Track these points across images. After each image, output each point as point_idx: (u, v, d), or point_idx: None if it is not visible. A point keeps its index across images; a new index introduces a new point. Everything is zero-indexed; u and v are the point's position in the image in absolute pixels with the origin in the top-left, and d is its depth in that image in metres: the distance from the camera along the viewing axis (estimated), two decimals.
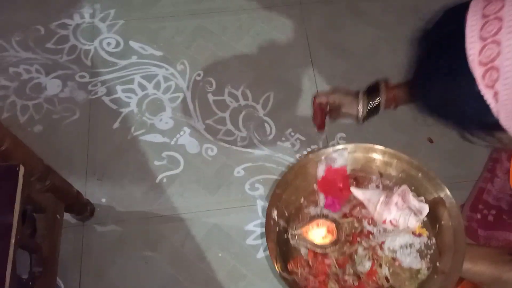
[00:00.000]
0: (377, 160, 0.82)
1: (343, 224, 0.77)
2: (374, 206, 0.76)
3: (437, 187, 0.78)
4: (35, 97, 1.25)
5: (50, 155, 1.15)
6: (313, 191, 0.81)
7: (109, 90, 1.26)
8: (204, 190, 1.15)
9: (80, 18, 1.37)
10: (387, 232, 0.77)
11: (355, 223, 0.78)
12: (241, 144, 1.20)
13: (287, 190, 0.79)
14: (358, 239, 0.76)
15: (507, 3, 0.46)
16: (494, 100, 0.47)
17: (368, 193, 0.79)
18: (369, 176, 0.82)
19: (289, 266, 0.73)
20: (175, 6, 1.40)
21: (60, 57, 1.31)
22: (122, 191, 1.15)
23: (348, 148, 0.82)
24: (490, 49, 0.46)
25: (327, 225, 0.76)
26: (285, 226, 0.77)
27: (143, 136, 1.21)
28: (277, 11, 1.37)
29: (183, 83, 1.27)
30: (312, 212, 0.80)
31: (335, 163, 0.81)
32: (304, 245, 0.76)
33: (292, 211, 0.80)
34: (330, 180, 0.80)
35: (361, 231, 0.77)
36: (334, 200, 0.80)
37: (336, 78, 1.28)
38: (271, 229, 0.75)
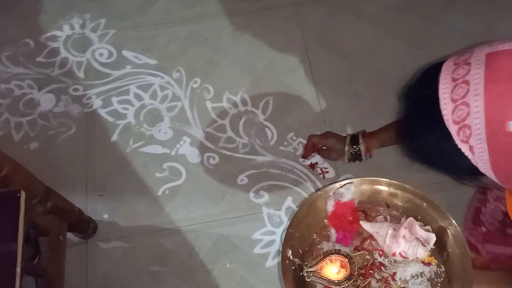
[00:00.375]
0: (383, 192, 0.88)
1: (355, 257, 0.81)
2: (383, 239, 0.79)
3: (442, 215, 0.82)
4: (29, 113, 1.22)
5: (48, 172, 1.12)
6: (324, 226, 0.86)
7: (105, 102, 1.23)
8: (208, 200, 1.13)
9: (70, 29, 1.34)
10: (397, 263, 0.80)
11: (366, 256, 0.82)
12: (243, 151, 1.18)
13: (299, 227, 0.83)
14: (370, 272, 0.79)
15: (473, 67, 0.51)
16: (471, 153, 0.52)
17: (376, 226, 0.82)
18: (377, 208, 0.87)
19: None
20: (166, 12, 1.37)
21: (52, 71, 1.27)
22: (124, 205, 1.12)
23: (354, 182, 0.87)
24: (461, 110, 0.51)
25: (340, 260, 0.79)
26: (300, 264, 0.81)
27: (142, 148, 1.18)
28: (271, 13, 1.35)
29: (180, 91, 1.25)
30: (325, 247, 0.83)
31: (343, 198, 0.85)
32: (320, 282, 0.79)
33: (305, 247, 0.84)
34: (339, 214, 0.84)
35: (373, 263, 0.81)
36: (345, 234, 0.83)
37: (335, 78, 1.26)
38: (287, 269, 0.78)
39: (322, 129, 1.19)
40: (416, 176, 1.10)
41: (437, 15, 1.33)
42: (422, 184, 1.08)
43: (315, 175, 1.15)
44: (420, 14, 1.34)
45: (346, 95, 1.24)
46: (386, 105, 1.21)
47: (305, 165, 1.16)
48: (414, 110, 0.61)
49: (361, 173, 1.14)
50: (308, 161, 1.15)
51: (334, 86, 1.25)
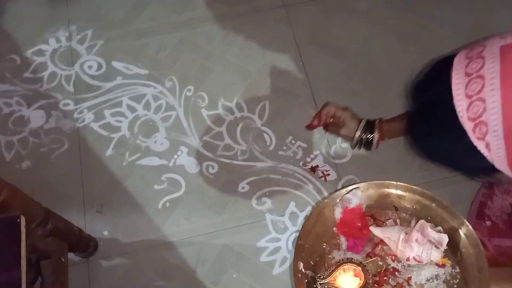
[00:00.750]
0: (390, 195, 0.85)
1: (368, 265, 0.78)
2: (395, 244, 0.78)
3: (452, 215, 0.80)
4: (19, 131, 1.18)
5: (43, 191, 1.09)
6: (333, 235, 0.84)
7: (97, 115, 1.20)
8: (210, 210, 1.11)
9: (56, 42, 1.30)
10: (411, 267, 0.78)
11: (379, 262, 0.79)
12: (242, 158, 1.16)
13: (309, 238, 0.81)
14: (385, 278, 0.77)
15: (487, 61, 0.49)
16: (487, 150, 0.50)
17: (387, 231, 0.80)
18: (385, 212, 0.85)
19: None
20: (155, 20, 1.34)
21: (40, 86, 1.24)
22: (124, 221, 1.09)
23: (360, 186, 0.85)
24: (477, 106, 0.49)
25: (353, 269, 0.77)
26: (313, 276, 0.79)
27: (139, 161, 1.15)
28: (262, 16, 1.34)
29: (174, 100, 1.22)
30: (336, 257, 0.81)
31: (350, 204, 0.83)
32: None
33: (316, 258, 0.82)
34: (348, 221, 0.82)
35: (386, 269, 0.79)
36: (355, 242, 0.82)
37: (331, 79, 1.25)
38: (300, 282, 0.76)
39: (321, 132, 1.18)
40: (418, 174, 1.11)
41: (429, 10, 1.33)
42: (424, 181, 1.08)
43: (316, 178, 1.13)
44: (412, 10, 1.34)
45: (343, 95, 1.23)
46: (384, 102, 1.21)
47: (306, 168, 1.14)
48: (425, 107, 0.59)
49: (362, 173, 1.14)
50: (309, 164, 1.14)
51: (330, 86, 1.24)
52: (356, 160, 1.15)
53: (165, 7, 1.35)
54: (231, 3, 1.35)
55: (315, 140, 1.17)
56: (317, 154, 1.16)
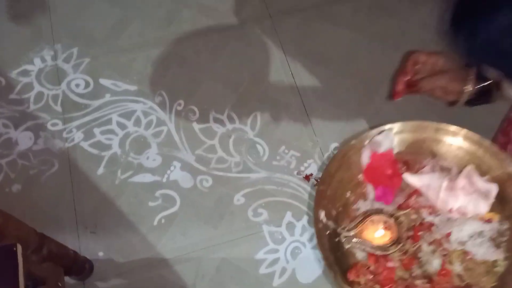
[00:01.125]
0: (427, 139, 0.71)
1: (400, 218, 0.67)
2: (435, 193, 0.65)
3: (502, 162, 0.66)
4: (7, 154, 1.15)
5: (35, 214, 1.07)
6: (359, 183, 0.71)
7: (87, 134, 1.19)
8: (206, 224, 1.10)
9: (42, 62, 1.28)
10: (451, 221, 0.66)
11: (412, 215, 0.67)
12: (236, 170, 1.15)
13: (331, 185, 0.68)
14: (419, 234, 0.66)
15: None
16: None
17: (425, 178, 0.68)
18: (421, 159, 0.71)
19: (349, 276, 0.63)
20: (141, 35, 1.34)
21: (27, 107, 1.22)
22: (119, 240, 1.07)
23: (394, 128, 0.71)
24: None
25: (384, 221, 0.66)
26: (335, 228, 0.67)
27: (131, 178, 1.14)
28: (248, 27, 1.34)
29: (165, 115, 1.22)
30: (361, 208, 0.70)
31: (380, 147, 0.70)
32: (361, 248, 0.66)
33: (339, 208, 0.70)
34: (377, 168, 0.70)
35: (421, 223, 0.67)
36: (385, 191, 0.69)
37: (319, 87, 1.26)
38: (321, 233, 0.65)
39: (312, 140, 1.19)
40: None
41: (408, 14, 1.36)
42: None
43: (311, 187, 1.14)
44: (392, 15, 1.36)
45: (332, 102, 1.24)
46: (372, 107, 1.23)
47: (300, 177, 1.14)
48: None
49: None
50: (303, 173, 1.14)
51: (318, 94, 1.25)
52: None
53: (150, 22, 1.35)
54: (218, 16, 1.35)
55: (308, 148, 1.18)
56: (311, 162, 1.16)
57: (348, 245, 0.65)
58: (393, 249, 0.64)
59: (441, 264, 0.63)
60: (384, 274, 0.63)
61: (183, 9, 1.36)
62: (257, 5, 1.37)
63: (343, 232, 0.66)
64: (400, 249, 0.64)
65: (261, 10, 1.36)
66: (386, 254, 0.64)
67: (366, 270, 0.64)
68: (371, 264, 0.64)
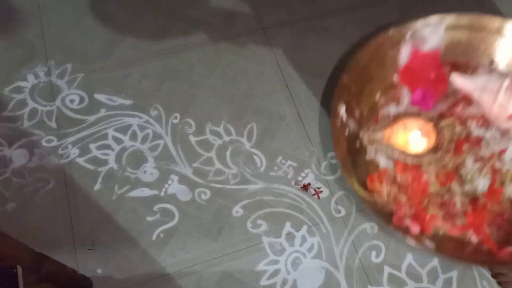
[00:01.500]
0: (487, 39, 0.57)
1: (441, 127, 0.55)
2: (492, 97, 0.53)
3: None
4: (1, 172, 1.14)
5: (31, 233, 1.06)
6: (392, 84, 0.58)
7: (82, 150, 1.18)
8: (205, 238, 1.09)
9: (35, 78, 1.28)
10: (507, 137, 0.54)
11: (457, 126, 0.56)
12: (234, 182, 1.15)
13: (358, 80, 0.55)
14: (464, 148, 0.54)
15: None
16: None
17: (479, 80, 0.56)
18: (474, 64, 0.58)
19: (369, 183, 0.52)
20: (135, 50, 1.34)
21: (21, 124, 1.20)
22: (117, 257, 1.06)
23: (445, 20, 0.57)
24: None
25: (421, 127, 0.54)
26: (356, 131, 0.56)
27: (129, 193, 1.13)
28: (242, 40, 1.35)
29: (161, 129, 1.21)
30: (392, 113, 0.57)
31: (425, 44, 0.58)
32: (387, 154, 0.55)
33: (365, 110, 0.58)
34: (417, 69, 0.57)
35: (467, 137, 0.55)
36: (425, 95, 0.57)
37: (314, 97, 1.27)
38: (339, 131, 0.54)
39: (309, 150, 1.19)
40: None
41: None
42: None
43: (309, 196, 1.14)
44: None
45: (327, 112, 1.24)
46: None
47: (298, 187, 1.15)
48: None
49: None
50: (301, 183, 1.15)
51: (314, 105, 1.26)
52: None
53: (144, 36, 1.35)
54: (211, 29, 1.36)
55: (305, 158, 1.18)
56: (308, 172, 1.16)
57: (369, 148, 0.52)
58: (429, 160, 0.52)
59: (489, 185, 0.51)
60: (414, 186, 0.51)
61: (176, 23, 1.37)
62: (250, 18, 1.38)
63: (367, 133, 0.54)
64: (437, 161, 0.51)
65: (254, 23, 1.37)
66: (419, 165, 0.50)
67: (391, 179, 0.51)
68: (398, 173, 0.51)
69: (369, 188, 0.48)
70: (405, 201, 0.50)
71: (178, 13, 1.38)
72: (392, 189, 0.51)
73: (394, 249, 1.08)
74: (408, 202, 0.50)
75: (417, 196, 0.49)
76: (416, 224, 0.47)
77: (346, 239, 1.08)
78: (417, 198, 0.49)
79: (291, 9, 1.40)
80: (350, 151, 0.50)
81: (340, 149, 0.49)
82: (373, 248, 1.08)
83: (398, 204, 0.48)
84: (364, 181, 0.48)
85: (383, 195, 0.50)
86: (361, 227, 1.09)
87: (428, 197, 0.50)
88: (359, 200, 0.44)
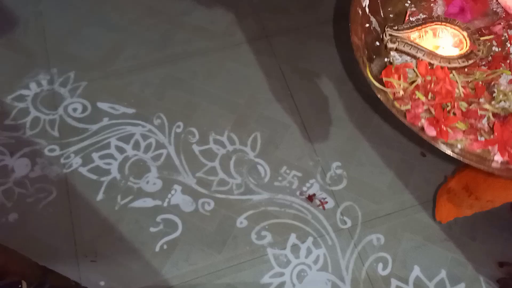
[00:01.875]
0: None
1: (476, 39, 0.51)
2: None
3: None
4: (3, 182, 1.13)
5: (33, 244, 1.05)
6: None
7: (85, 159, 1.17)
8: (209, 249, 1.08)
9: (38, 86, 1.27)
10: None
11: (494, 46, 0.52)
12: (238, 192, 1.14)
13: None
14: (502, 65, 0.50)
15: None
16: None
17: None
18: None
19: (384, 75, 0.49)
20: (137, 58, 1.33)
21: (23, 133, 1.19)
22: (120, 268, 1.05)
23: None
24: None
25: (454, 35, 0.49)
26: (378, 30, 0.52)
27: (132, 203, 1.12)
28: (244, 48, 1.34)
29: (164, 138, 1.20)
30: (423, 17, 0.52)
31: None
32: (411, 53, 0.50)
33: (390, 15, 0.54)
34: None
35: (506, 56, 0.51)
36: (463, 6, 0.53)
37: (317, 105, 1.26)
38: (358, 21, 0.51)
39: (314, 159, 1.18)
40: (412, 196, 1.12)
41: None
42: (418, 202, 1.10)
43: (314, 207, 1.13)
44: None
45: (331, 121, 1.24)
46: (370, 126, 1.23)
47: (303, 198, 1.13)
48: None
49: (360, 200, 1.14)
50: (306, 193, 1.14)
51: (317, 113, 1.25)
52: (352, 185, 1.15)
53: (145, 45, 1.34)
54: (213, 37, 1.35)
55: (310, 168, 1.17)
56: (313, 182, 1.15)
57: (393, 44, 0.48)
58: (458, 63, 0.48)
59: None
60: (437, 88, 0.46)
61: (178, 31, 1.36)
62: (252, 26, 1.37)
63: (390, 29, 0.49)
64: (467, 70, 0.47)
65: (256, 31, 1.37)
66: (446, 66, 0.46)
67: (412, 80, 0.47)
68: (419, 73, 0.47)
69: (384, 81, 0.45)
70: (425, 100, 0.46)
71: (180, 21, 1.37)
72: (410, 86, 0.47)
73: (401, 262, 1.07)
74: (427, 102, 0.46)
75: (438, 97, 0.46)
76: (432, 127, 0.44)
77: (352, 251, 1.07)
78: (439, 99, 0.45)
79: (294, 17, 1.39)
80: (368, 46, 0.49)
81: (357, 36, 0.47)
82: (380, 260, 1.06)
83: (414, 102, 0.45)
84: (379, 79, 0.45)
85: (399, 90, 0.47)
86: (367, 239, 1.08)
87: (451, 101, 0.46)
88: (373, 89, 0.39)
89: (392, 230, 1.10)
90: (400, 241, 1.09)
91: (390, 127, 1.23)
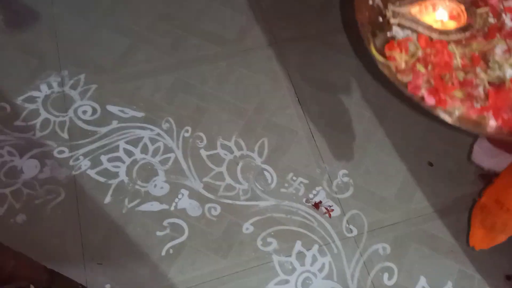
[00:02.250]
0: None
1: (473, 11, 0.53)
2: None
3: None
4: (12, 183, 1.14)
5: (40, 246, 1.05)
6: None
7: (93, 162, 1.17)
8: (215, 254, 1.08)
9: (48, 88, 1.28)
10: None
11: (490, 17, 0.55)
12: (244, 198, 1.14)
13: None
14: (497, 36, 0.53)
15: None
16: None
17: None
18: None
19: (387, 49, 0.52)
20: (147, 63, 1.34)
21: (32, 134, 1.20)
22: (126, 272, 1.05)
23: None
24: None
25: (451, 8, 0.53)
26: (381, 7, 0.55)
27: (139, 207, 1.12)
28: (254, 54, 1.35)
29: (172, 142, 1.21)
30: None
31: None
32: (412, 27, 0.53)
33: None
34: None
35: (501, 27, 0.54)
36: None
37: (326, 113, 1.26)
38: None
39: (320, 166, 1.18)
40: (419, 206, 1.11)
41: None
42: (425, 213, 1.09)
43: (320, 215, 1.12)
44: None
45: (339, 128, 1.24)
46: (378, 134, 1.23)
47: (309, 205, 1.13)
48: None
49: (366, 208, 1.13)
50: (312, 200, 1.14)
51: (325, 120, 1.25)
52: (358, 194, 1.15)
53: (157, 49, 1.35)
54: (223, 43, 1.36)
55: (316, 175, 1.17)
56: (319, 189, 1.15)
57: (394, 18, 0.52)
58: (456, 37, 0.51)
59: None
60: (436, 59, 0.50)
61: (189, 37, 1.37)
62: (262, 33, 1.38)
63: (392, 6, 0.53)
64: (465, 42, 0.51)
65: (266, 38, 1.37)
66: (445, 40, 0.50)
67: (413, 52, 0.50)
68: (419, 46, 0.51)
69: (387, 55, 0.49)
70: (424, 71, 0.50)
71: (192, 27, 1.38)
72: (411, 59, 0.51)
73: (407, 272, 1.06)
74: (427, 73, 0.50)
75: (437, 69, 0.49)
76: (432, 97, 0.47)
77: (357, 260, 1.07)
78: (438, 70, 0.49)
79: (304, 24, 1.40)
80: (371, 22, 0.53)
81: (362, 15, 0.52)
82: (386, 270, 1.06)
83: (415, 73, 0.49)
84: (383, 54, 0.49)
85: (401, 63, 0.51)
86: (373, 248, 1.08)
87: (450, 72, 0.50)
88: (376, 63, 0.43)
89: (398, 239, 1.10)
90: (406, 251, 1.09)
91: (397, 136, 1.23)
